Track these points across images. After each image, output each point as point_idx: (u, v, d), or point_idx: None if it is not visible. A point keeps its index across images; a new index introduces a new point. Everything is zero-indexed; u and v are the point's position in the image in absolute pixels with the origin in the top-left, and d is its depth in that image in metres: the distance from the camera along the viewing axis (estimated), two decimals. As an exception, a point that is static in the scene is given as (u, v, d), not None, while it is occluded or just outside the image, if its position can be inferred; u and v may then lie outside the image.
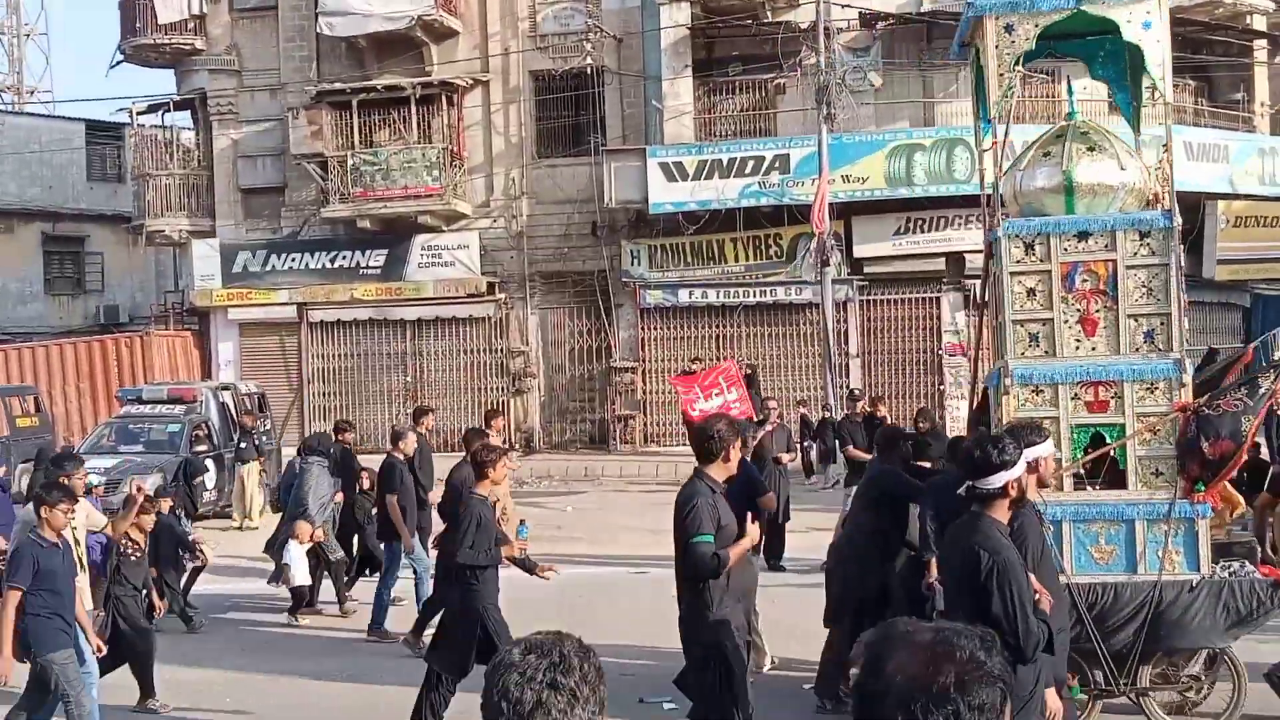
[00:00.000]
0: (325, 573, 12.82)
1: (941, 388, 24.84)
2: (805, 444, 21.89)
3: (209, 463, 19.58)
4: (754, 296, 25.37)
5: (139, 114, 29.59)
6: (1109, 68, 8.99)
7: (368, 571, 13.13)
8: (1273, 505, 8.82)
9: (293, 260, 27.67)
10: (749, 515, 7.61)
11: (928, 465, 9.44)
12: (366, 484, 13.42)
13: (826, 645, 8.87)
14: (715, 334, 25.65)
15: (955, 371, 24.72)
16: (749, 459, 10.62)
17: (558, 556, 11.70)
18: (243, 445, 19.85)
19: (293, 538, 12.36)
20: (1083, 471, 7.78)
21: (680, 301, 25.69)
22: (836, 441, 18.09)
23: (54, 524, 7.70)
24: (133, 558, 9.61)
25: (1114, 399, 7.66)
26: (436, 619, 9.55)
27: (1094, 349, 7.76)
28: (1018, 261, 7.88)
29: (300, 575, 12.38)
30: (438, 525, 11.06)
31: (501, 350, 26.94)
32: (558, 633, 2.44)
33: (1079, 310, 7.78)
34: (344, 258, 27.41)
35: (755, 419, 18.11)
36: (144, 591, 9.88)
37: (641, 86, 26.22)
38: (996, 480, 5.18)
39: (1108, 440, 7.66)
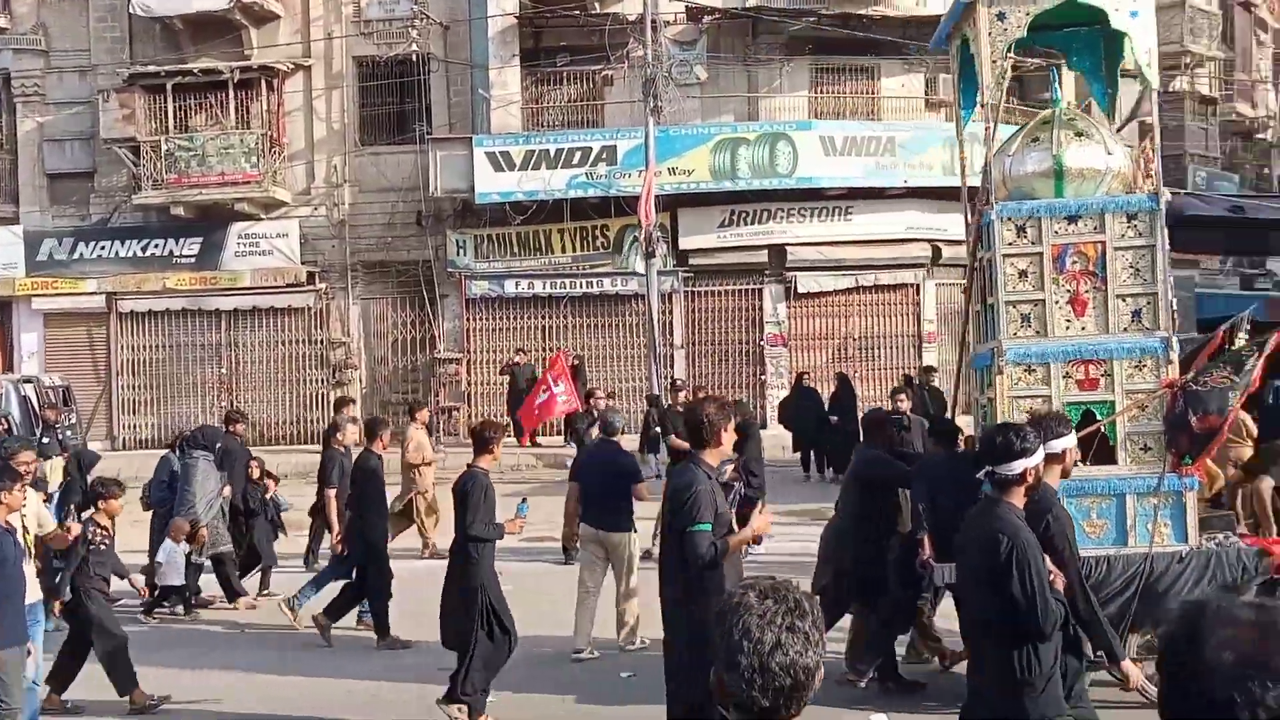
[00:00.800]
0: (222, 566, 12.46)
1: (763, 378, 25.14)
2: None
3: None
4: (580, 288, 25.30)
5: (-64, 94, 28.11)
6: (1085, 58, 9.28)
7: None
8: (1245, 482, 9.12)
9: (102, 248, 26.56)
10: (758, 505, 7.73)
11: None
12: (256, 474, 13.15)
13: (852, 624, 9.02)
14: (541, 325, 25.47)
15: (776, 362, 25.07)
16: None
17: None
18: (45, 440, 18.89)
19: (169, 536, 11.95)
20: None
21: (506, 292, 25.46)
22: (659, 431, 18.15)
23: (12, 505, 7.48)
24: (101, 546, 9.05)
25: (1104, 377, 7.86)
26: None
27: (1084, 328, 7.95)
28: (1009, 244, 8.04)
29: (174, 575, 12.04)
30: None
31: (321, 341, 26.29)
32: (781, 579, 2.64)
33: (1069, 291, 7.96)
34: (156, 246, 26.40)
35: (581, 409, 18.08)
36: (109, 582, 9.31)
37: (468, 75, 25.94)
38: (1016, 466, 5.27)
39: (1098, 417, 7.83)
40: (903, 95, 26.08)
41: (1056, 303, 7.94)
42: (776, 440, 20.93)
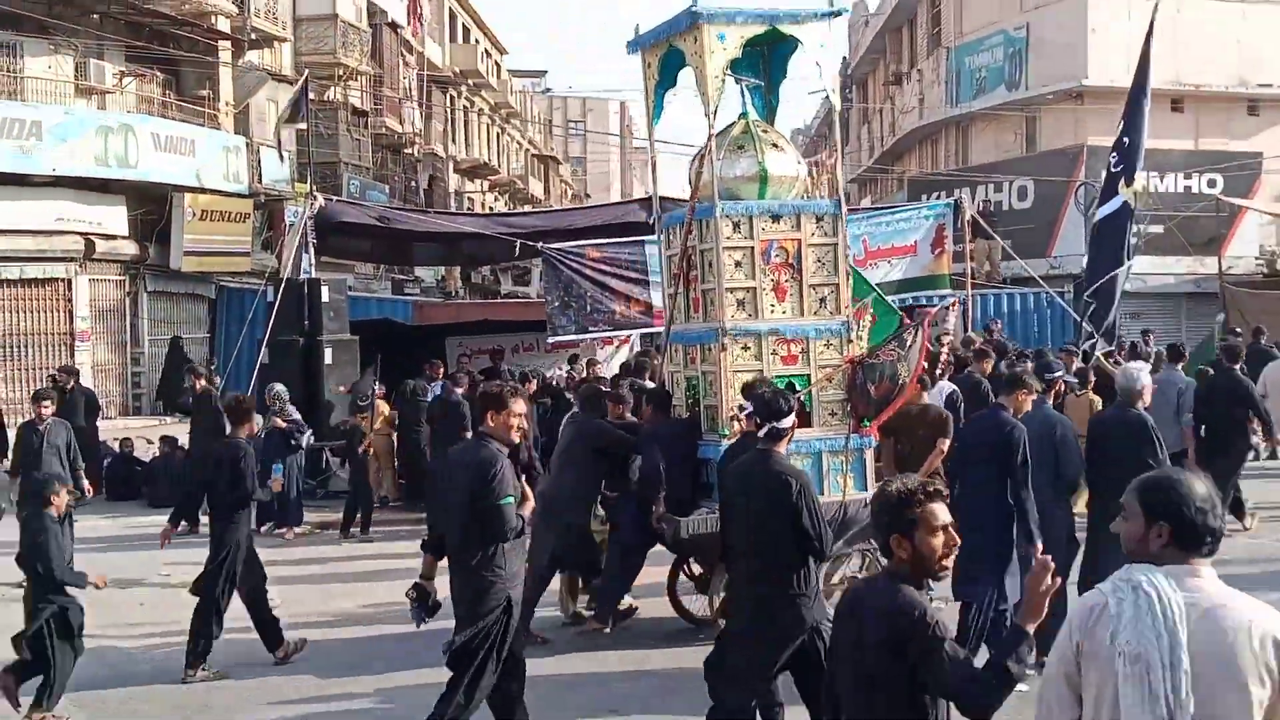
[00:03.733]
0: None
1: None
2: None
3: None
4: None
5: None
6: (748, 72, 10.26)
7: None
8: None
9: None
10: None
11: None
12: None
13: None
14: None
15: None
16: None
17: None
18: None
19: None
20: None
21: None
22: None
23: None
24: None
25: (802, 354, 9.34)
26: None
27: (785, 312, 9.34)
28: (728, 238, 9.22)
29: None
30: None
31: None
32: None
33: (773, 280, 9.31)
34: None
35: None
36: None
37: None
38: (786, 422, 6.57)
39: (798, 388, 9.12)
40: (50, 77, 24.45)
41: (764, 290, 9.28)
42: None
